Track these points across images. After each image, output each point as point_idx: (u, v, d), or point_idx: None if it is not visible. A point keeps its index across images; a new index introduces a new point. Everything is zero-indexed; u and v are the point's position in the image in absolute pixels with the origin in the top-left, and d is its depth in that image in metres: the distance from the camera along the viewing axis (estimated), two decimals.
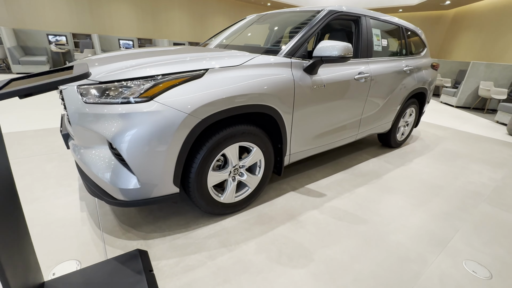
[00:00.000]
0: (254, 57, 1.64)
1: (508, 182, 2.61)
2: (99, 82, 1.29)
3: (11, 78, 0.82)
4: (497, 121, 5.31)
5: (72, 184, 2.01)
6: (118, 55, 1.69)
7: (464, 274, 1.43)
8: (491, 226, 1.88)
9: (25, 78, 0.83)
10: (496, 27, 8.11)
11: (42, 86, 0.65)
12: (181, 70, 1.34)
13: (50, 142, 2.75)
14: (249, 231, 1.64)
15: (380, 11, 12.14)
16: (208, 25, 11.98)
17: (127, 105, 1.24)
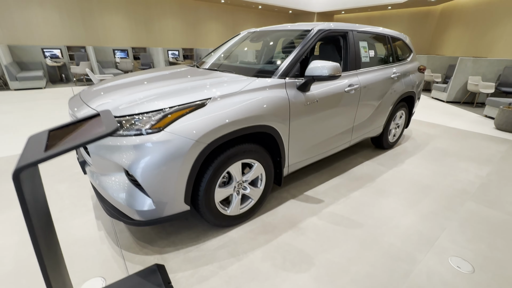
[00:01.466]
0: (251, 81, 1.79)
1: (493, 178, 2.80)
2: (114, 116, 1.43)
3: (49, 130, 0.96)
4: (485, 115, 5.51)
5: (87, 204, 2.15)
6: (122, 84, 1.84)
7: (449, 270, 1.59)
8: (475, 223, 2.05)
9: (60, 129, 0.98)
10: (482, 22, 8.33)
11: (81, 144, 0.80)
12: (187, 102, 1.49)
13: (58, 162, 2.88)
14: (255, 241, 1.79)
15: (370, 9, 12.35)
16: (201, 31, 12.09)
17: (141, 137, 1.39)
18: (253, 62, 2.57)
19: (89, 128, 0.95)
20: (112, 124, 0.87)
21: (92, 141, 0.81)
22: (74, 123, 1.01)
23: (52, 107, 5.28)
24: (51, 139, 0.90)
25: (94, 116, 1.04)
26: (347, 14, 14.18)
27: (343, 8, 12.47)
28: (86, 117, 1.03)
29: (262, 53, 2.80)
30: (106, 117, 0.98)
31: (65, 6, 8.66)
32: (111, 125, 0.87)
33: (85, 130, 0.93)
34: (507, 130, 4.48)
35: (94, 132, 0.88)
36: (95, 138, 0.82)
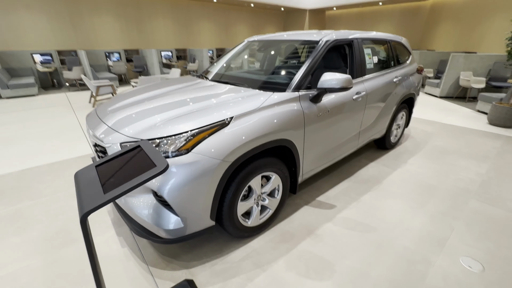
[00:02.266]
0: (268, 97, 1.83)
1: (492, 175, 2.93)
2: (141, 139, 1.46)
3: (95, 166, 0.99)
4: (478, 110, 5.70)
5: (105, 220, 2.17)
6: (139, 101, 1.86)
7: (462, 270, 1.70)
8: (481, 222, 2.17)
9: (105, 163, 1.01)
10: (471, 17, 8.53)
11: (134, 187, 0.84)
12: (211, 122, 1.52)
13: (69, 177, 2.87)
14: (276, 250, 1.86)
15: (361, 5, 12.45)
16: (193, 31, 11.97)
17: (169, 159, 1.42)
18: (261, 72, 2.59)
19: (135, 163, 0.98)
20: (162, 162, 0.91)
21: (146, 181, 0.85)
22: (117, 157, 1.04)
23: (49, 115, 5.19)
24: (102, 176, 0.93)
25: (136, 148, 1.07)
26: (339, 10, 14.26)
27: (334, 4, 12.53)
28: (128, 149, 1.06)
29: (269, 63, 2.82)
30: (151, 152, 1.02)
31: (53, 9, 8.43)
32: (161, 163, 0.91)
33: (132, 166, 0.97)
34: (500, 125, 4.67)
35: (144, 169, 0.92)
36: (149, 178, 0.86)
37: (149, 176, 0.86)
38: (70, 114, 5.34)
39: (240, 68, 2.97)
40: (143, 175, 0.86)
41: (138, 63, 9.93)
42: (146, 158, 0.99)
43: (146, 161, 0.97)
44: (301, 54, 2.43)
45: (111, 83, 6.08)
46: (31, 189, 2.63)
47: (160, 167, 0.89)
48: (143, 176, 0.86)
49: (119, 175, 0.92)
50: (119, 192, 0.81)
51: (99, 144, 1.61)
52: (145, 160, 0.98)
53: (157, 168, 0.88)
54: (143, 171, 0.90)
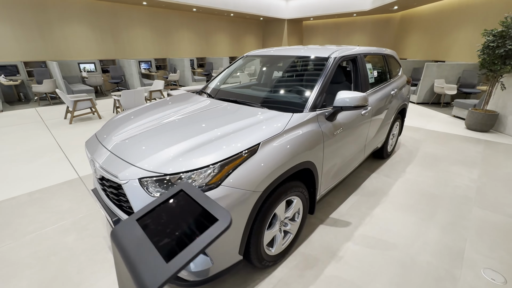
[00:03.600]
0: (289, 118, 1.75)
1: (484, 181, 3.10)
2: (164, 174, 1.31)
3: (136, 220, 0.84)
4: (454, 115, 6.11)
5: (107, 258, 1.94)
6: (146, 126, 1.70)
7: (486, 284, 1.73)
8: (488, 230, 2.25)
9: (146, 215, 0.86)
10: (438, 28, 9.24)
11: (201, 251, 0.71)
12: (239, 151, 1.41)
13: (54, 207, 2.56)
14: (303, 278, 1.76)
15: (337, 16, 13.00)
16: (173, 40, 11.68)
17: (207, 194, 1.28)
18: (270, 90, 2.51)
19: (185, 213, 0.85)
20: (223, 214, 0.79)
21: (213, 241, 0.73)
22: (159, 205, 0.90)
23: (20, 134, 4.68)
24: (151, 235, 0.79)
25: (178, 193, 0.94)
26: (316, 20, 14.77)
27: (312, 15, 12.96)
28: (170, 195, 0.93)
29: (277, 80, 2.72)
30: (200, 197, 0.89)
31: (17, 18, 7.76)
32: (222, 214, 0.79)
33: (183, 217, 0.84)
34: (477, 130, 5.02)
35: (199, 221, 0.79)
36: (216, 237, 0.74)
37: (215, 235, 0.73)
38: (44, 132, 4.87)
39: (244, 85, 2.87)
40: (207, 235, 0.74)
41: (115, 74, 9.44)
42: (196, 206, 0.86)
43: (198, 210, 0.84)
44: (309, 70, 2.40)
45: (90, 97, 5.67)
46: (11, 226, 2.30)
47: (224, 221, 0.77)
48: (207, 235, 0.73)
49: (172, 232, 0.78)
50: (185, 260, 0.68)
51: (111, 179, 1.43)
52: (196, 209, 0.85)
53: (221, 223, 0.76)
54: (201, 225, 0.78)
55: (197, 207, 0.86)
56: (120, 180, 1.35)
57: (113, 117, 2.17)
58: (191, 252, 0.69)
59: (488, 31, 4.64)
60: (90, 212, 2.48)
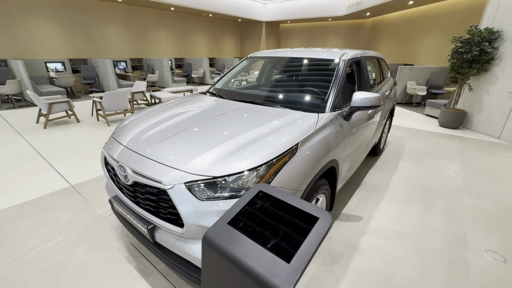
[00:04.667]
0: (317, 118, 1.80)
1: (467, 172, 3.44)
2: (213, 177, 1.28)
3: (227, 223, 0.82)
4: (427, 114, 6.67)
5: (127, 270, 1.82)
6: (172, 129, 1.64)
7: (491, 263, 1.93)
8: (481, 216, 2.51)
9: (235, 218, 0.84)
10: (407, 34, 10.02)
11: (316, 249, 0.72)
12: (283, 151, 1.42)
13: (51, 220, 2.34)
14: (333, 273, 1.82)
15: (313, 20, 13.48)
16: (149, 39, 11.22)
17: None
18: (284, 90, 2.53)
19: (276, 213, 0.85)
20: (321, 213, 0.81)
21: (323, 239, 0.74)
22: (243, 208, 0.89)
23: None
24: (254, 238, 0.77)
25: (257, 194, 0.93)
26: (292, 23, 15.15)
27: (289, 18, 13.28)
28: (251, 197, 0.91)
29: (291, 82, 2.69)
30: (285, 197, 0.89)
31: None
32: (320, 213, 0.81)
33: (276, 218, 0.83)
34: (449, 127, 5.53)
35: (295, 221, 0.80)
36: (325, 234, 0.75)
37: (324, 232, 0.74)
38: (16, 139, 4.39)
39: (252, 85, 2.86)
40: (317, 233, 0.74)
41: (87, 74, 8.81)
42: (285, 205, 0.86)
43: (289, 210, 0.84)
44: (321, 72, 2.48)
45: (67, 99, 5.24)
46: (4, 243, 2.06)
47: (326, 218, 0.78)
48: (317, 233, 0.74)
49: (274, 233, 0.77)
50: (307, 258, 0.68)
51: (150, 184, 1.35)
52: (286, 208, 0.85)
53: (324, 221, 0.77)
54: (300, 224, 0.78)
55: (287, 206, 0.86)
56: (164, 186, 1.28)
57: (126, 121, 2.04)
58: (309, 251, 0.70)
59: (457, 38, 5.15)
60: (95, 222, 2.31)
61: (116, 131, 1.89)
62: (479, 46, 4.82)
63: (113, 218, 2.36)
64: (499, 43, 4.80)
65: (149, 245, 1.54)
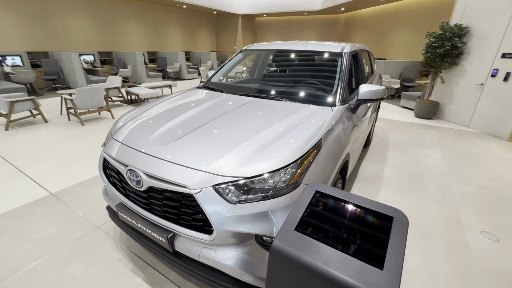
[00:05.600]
0: (332, 112, 1.76)
1: (448, 159, 3.69)
2: (244, 177, 1.18)
3: (295, 229, 0.75)
4: (402, 106, 7.05)
5: (135, 283, 1.66)
6: (186, 127, 1.51)
7: (488, 244, 2.07)
8: (468, 199, 2.70)
9: (302, 221, 0.77)
10: (379, 29, 10.46)
11: (404, 251, 0.67)
12: (309, 149, 1.35)
13: (33, 234, 2.06)
14: None
15: (289, 14, 13.51)
16: (118, 31, 10.44)
17: (282, 197, 1.20)
18: (286, 84, 2.46)
19: (343, 214, 0.79)
20: (399, 213, 0.77)
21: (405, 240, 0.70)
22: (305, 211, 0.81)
23: None
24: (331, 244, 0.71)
25: (314, 195, 0.86)
26: (268, 17, 15.06)
27: (265, 12, 13.18)
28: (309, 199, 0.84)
29: (294, 75, 2.59)
30: (349, 197, 0.84)
31: None
32: (397, 213, 0.76)
33: (344, 219, 0.77)
34: (424, 117, 5.90)
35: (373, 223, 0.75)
36: (406, 234, 0.71)
37: (405, 231, 0.70)
38: None
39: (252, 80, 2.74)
40: (398, 233, 0.70)
41: (50, 69, 7.97)
42: (348, 205, 0.80)
43: (355, 210, 0.79)
44: (325, 65, 2.45)
45: (31, 97, 4.68)
46: None
47: (401, 217, 0.74)
48: (399, 234, 0.70)
49: (351, 236, 0.71)
50: (399, 262, 0.63)
51: (171, 189, 1.21)
52: (351, 209, 0.80)
53: (401, 220, 0.73)
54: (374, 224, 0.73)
55: (350, 206, 0.81)
56: (191, 190, 1.16)
57: (122, 119, 1.84)
58: (398, 254, 0.65)
59: (430, 33, 5.46)
60: (87, 233, 2.08)
61: (115, 131, 1.69)
62: (450, 41, 5.16)
63: (108, 227, 2.15)
64: (467, 39, 5.18)
65: (165, 256, 1.40)
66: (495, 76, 4.75)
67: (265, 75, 2.85)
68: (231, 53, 15.27)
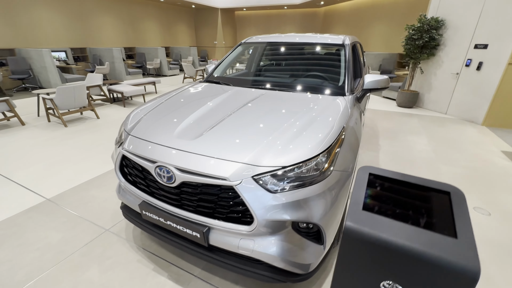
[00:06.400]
0: (346, 101, 1.82)
1: (433, 144, 3.95)
2: (282, 167, 1.20)
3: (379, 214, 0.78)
4: (384, 96, 7.38)
5: (160, 282, 1.62)
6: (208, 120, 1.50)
7: (481, 217, 2.28)
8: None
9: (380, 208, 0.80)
10: (357, 23, 10.80)
11: (470, 223, 0.73)
12: (336, 136, 1.39)
13: (37, 242, 1.93)
14: None
15: (268, 8, 13.48)
16: (92, 26, 9.83)
17: (320, 183, 1.23)
18: (291, 76, 2.48)
19: (401, 195, 0.84)
20: (453, 188, 0.83)
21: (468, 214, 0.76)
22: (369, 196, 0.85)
23: None
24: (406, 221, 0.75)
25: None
26: (248, 11, 14.93)
27: (245, 5, 13.04)
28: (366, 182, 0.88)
29: (299, 67, 2.60)
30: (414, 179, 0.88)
31: None
32: (452, 188, 0.83)
33: (403, 199, 0.82)
34: (406, 106, 6.23)
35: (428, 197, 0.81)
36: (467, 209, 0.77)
37: (465, 203, 0.76)
38: None
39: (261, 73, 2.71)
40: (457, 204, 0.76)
41: (17, 67, 7.36)
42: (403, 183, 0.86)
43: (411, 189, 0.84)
44: (330, 56, 2.51)
45: (5, 97, 4.30)
46: None
47: (457, 192, 0.80)
48: (458, 204, 0.76)
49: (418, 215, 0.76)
50: (470, 230, 0.69)
51: (210, 183, 1.20)
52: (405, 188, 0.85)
53: (458, 194, 0.79)
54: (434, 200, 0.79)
55: (405, 185, 0.86)
56: (231, 182, 1.16)
57: (136, 116, 1.76)
58: (465, 223, 0.71)
59: (409, 26, 5.74)
60: (97, 236, 1.99)
61: (131, 128, 1.62)
62: (428, 33, 5.46)
63: (118, 229, 2.07)
64: (443, 31, 5.51)
65: (197, 251, 1.39)
66: (469, 65, 5.13)
67: (269, 68, 2.84)
68: (212, 48, 15.00)
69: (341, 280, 0.81)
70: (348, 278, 0.79)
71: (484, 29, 4.79)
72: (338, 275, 0.81)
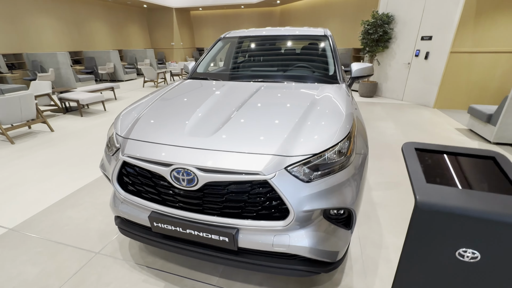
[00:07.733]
0: (345, 88, 1.86)
1: (400, 128, 4.31)
2: (313, 154, 1.16)
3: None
4: None
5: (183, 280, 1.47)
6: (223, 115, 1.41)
7: None
8: None
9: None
10: (312, 20, 11.30)
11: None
12: (351, 123, 1.38)
13: (11, 280, 1.59)
14: (365, 224, 2.00)
15: (225, 7, 13.36)
16: (28, 29, 8.59)
17: (349, 167, 1.23)
18: (279, 67, 2.45)
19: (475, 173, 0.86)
20: (502, 156, 0.87)
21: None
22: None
23: None
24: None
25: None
26: (204, 11, 14.59)
27: (201, 5, 12.73)
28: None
29: (287, 58, 2.57)
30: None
31: None
32: (500, 155, 0.87)
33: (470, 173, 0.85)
34: (367, 96, 6.72)
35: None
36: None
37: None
38: None
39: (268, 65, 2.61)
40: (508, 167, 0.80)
41: None
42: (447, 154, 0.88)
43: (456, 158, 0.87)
44: (315, 47, 2.55)
45: None
46: None
47: (501, 155, 0.85)
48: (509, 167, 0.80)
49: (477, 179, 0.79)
50: None
51: (238, 180, 1.10)
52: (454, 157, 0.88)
53: (503, 157, 0.84)
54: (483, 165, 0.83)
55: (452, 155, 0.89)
56: (265, 176, 1.07)
57: (126, 115, 1.56)
58: None
59: (364, 21, 6.19)
60: (87, 262, 1.72)
61: (128, 132, 1.41)
62: (382, 27, 5.95)
63: (111, 250, 1.82)
64: (394, 25, 6.06)
65: (223, 257, 1.28)
66: (418, 55, 5.72)
67: (258, 61, 2.76)
68: (169, 49, 14.32)
69: (412, 254, 0.80)
70: (421, 251, 0.79)
71: (428, 23, 5.39)
72: (408, 249, 0.80)
